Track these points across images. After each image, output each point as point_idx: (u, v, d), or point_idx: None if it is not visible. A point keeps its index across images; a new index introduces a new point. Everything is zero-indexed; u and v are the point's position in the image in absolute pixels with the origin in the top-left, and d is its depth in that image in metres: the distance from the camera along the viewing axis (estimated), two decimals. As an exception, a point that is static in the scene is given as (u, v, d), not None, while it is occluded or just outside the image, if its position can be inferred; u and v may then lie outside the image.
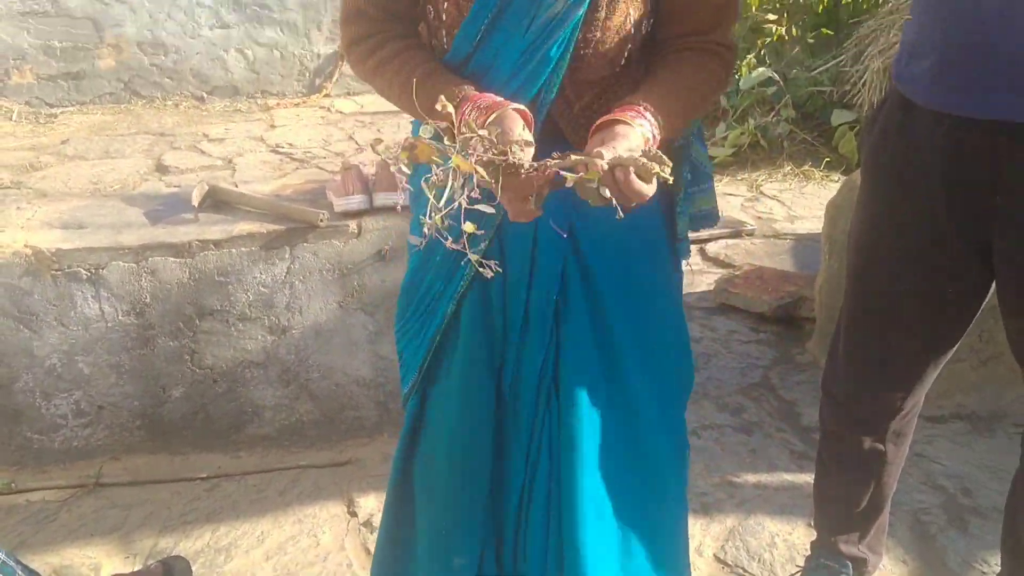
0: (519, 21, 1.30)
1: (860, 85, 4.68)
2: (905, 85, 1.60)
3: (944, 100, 1.51)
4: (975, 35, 1.43)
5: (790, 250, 4.06)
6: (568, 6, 1.28)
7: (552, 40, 1.28)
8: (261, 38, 5.27)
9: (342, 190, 2.77)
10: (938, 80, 1.51)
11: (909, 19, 1.64)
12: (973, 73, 1.45)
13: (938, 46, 1.51)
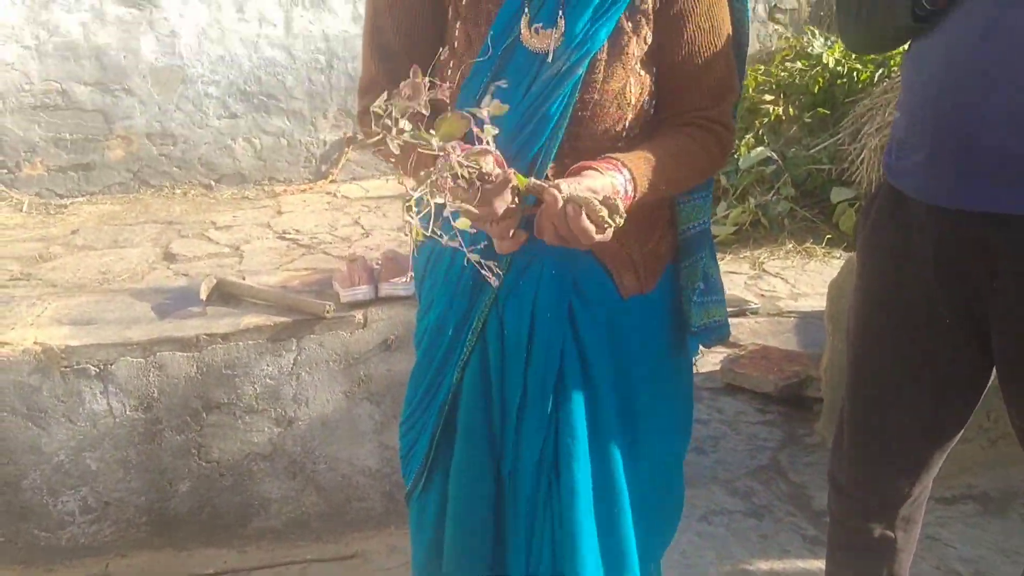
0: (520, 81, 1.34)
1: (858, 163, 4.75)
2: (897, 178, 1.63)
3: (936, 193, 1.54)
4: (964, 130, 1.46)
5: (795, 328, 4.07)
6: (568, 66, 1.31)
7: (552, 99, 1.32)
8: (268, 127, 5.37)
9: (348, 281, 2.80)
10: (929, 174, 1.54)
11: (897, 115, 1.69)
12: (963, 167, 1.48)
13: (928, 141, 1.54)
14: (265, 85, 5.30)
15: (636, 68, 1.37)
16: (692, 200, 1.57)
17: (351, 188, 5.53)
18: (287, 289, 2.94)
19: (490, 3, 1.37)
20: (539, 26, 1.34)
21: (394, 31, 1.43)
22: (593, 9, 1.33)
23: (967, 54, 1.45)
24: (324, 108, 5.46)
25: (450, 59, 1.41)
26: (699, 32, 1.40)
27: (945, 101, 1.49)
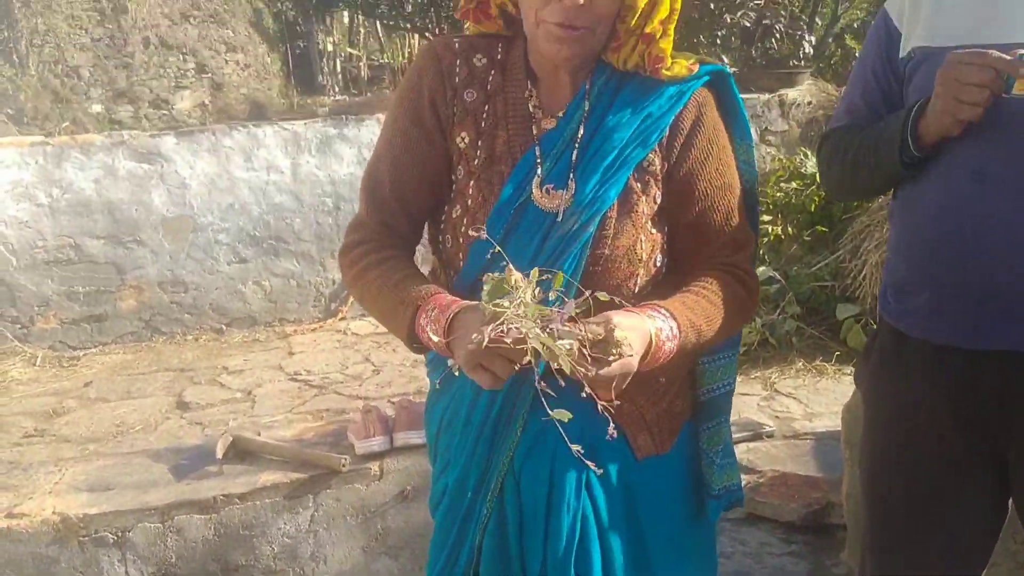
0: (530, 239, 1.36)
1: (860, 279, 4.80)
2: (898, 320, 1.64)
3: (947, 334, 1.55)
4: (962, 274, 1.49)
5: (812, 451, 4.04)
6: (580, 224, 1.35)
7: (565, 256, 1.34)
8: (277, 269, 5.47)
9: (362, 432, 2.81)
10: (936, 315, 1.55)
11: (891, 257, 1.71)
12: (968, 308, 1.50)
13: (931, 283, 1.56)
14: (274, 229, 5.42)
15: (646, 226, 1.41)
16: (717, 360, 1.56)
17: (361, 324, 5.58)
18: (302, 442, 2.95)
19: (504, 164, 1.41)
20: (550, 187, 1.38)
21: (389, 181, 1.46)
22: (603, 171, 1.36)
23: (959, 199, 1.49)
24: (332, 248, 5.55)
25: (463, 216, 1.43)
26: (710, 189, 1.43)
27: (945, 245, 1.52)
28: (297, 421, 3.99)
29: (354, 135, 5.48)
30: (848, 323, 4.86)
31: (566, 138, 1.39)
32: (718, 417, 1.58)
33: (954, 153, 1.49)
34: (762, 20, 7.20)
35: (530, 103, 1.43)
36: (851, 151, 1.64)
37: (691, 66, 1.42)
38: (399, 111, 1.48)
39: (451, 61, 1.45)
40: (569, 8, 1.29)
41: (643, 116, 1.39)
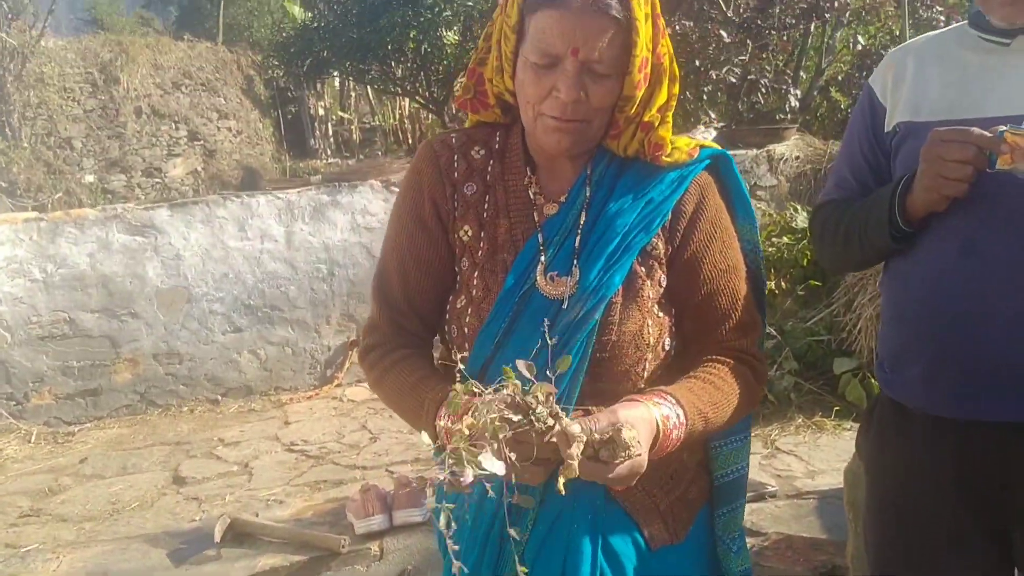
0: (535, 328, 1.34)
1: (856, 332, 4.80)
2: (896, 391, 1.65)
3: (942, 406, 1.55)
4: (955, 349, 1.50)
5: (815, 511, 4.00)
6: (585, 311, 1.33)
7: (571, 344, 1.32)
8: (272, 337, 5.46)
9: (362, 511, 2.78)
10: (931, 387, 1.56)
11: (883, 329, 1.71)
12: (963, 381, 1.50)
13: (924, 355, 1.56)
14: (268, 297, 5.42)
15: (653, 310, 1.39)
16: (729, 443, 1.53)
17: (357, 391, 5.56)
18: (301, 522, 2.92)
19: (506, 252, 1.40)
20: (554, 274, 1.36)
21: (398, 282, 1.47)
22: (607, 257, 1.35)
23: (949, 274, 1.50)
24: (327, 315, 5.56)
25: (467, 306, 1.41)
26: (715, 272, 1.41)
27: (936, 319, 1.53)
28: (295, 494, 3.96)
29: (347, 201, 5.52)
30: (846, 377, 4.84)
31: (568, 224, 1.39)
32: (734, 501, 1.54)
33: (943, 227, 1.51)
34: (747, 75, 7.31)
35: (530, 190, 1.43)
36: (842, 226, 1.65)
37: (691, 151, 1.43)
38: (402, 211, 1.48)
39: (449, 157, 1.46)
40: (566, 102, 1.29)
41: (645, 201, 1.39)
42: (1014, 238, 1.44)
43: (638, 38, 1.29)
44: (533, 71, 1.30)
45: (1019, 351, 1.45)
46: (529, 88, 1.32)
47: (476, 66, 1.45)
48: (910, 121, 1.57)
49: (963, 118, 1.47)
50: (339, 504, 3.11)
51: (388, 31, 7.58)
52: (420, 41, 7.87)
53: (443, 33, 7.87)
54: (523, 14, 1.31)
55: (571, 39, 1.26)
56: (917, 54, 1.64)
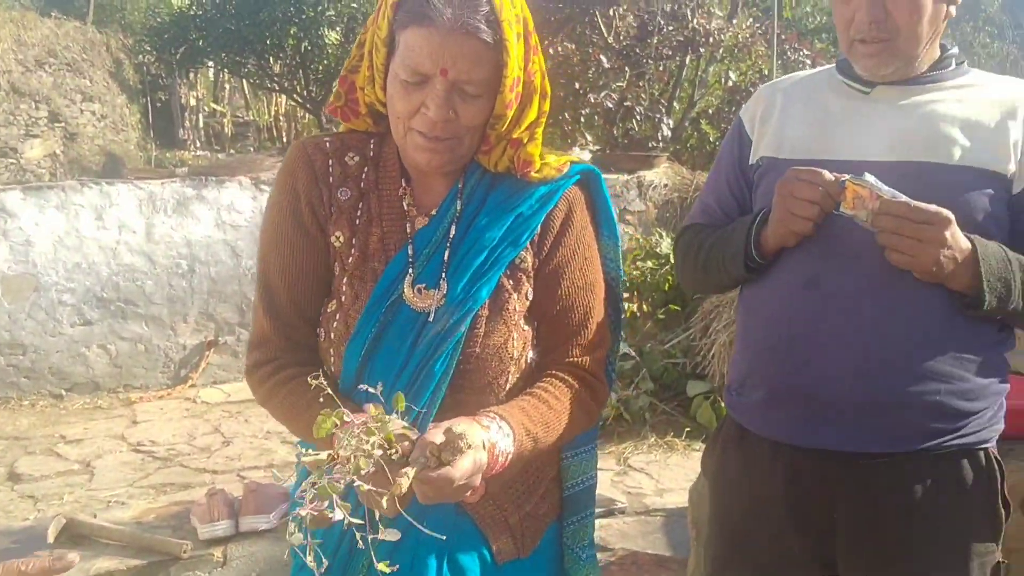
0: (403, 339, 1.34)
1: (710, 357, 4.98)
2: (740, 414, 1.73)
3: (777, 430, 1.64)
4: (794, 377, 1.58)
5: (662, 528, 4.12)
6: (451, 324, 1.33)
7: (437, 355, 1.33)
8: (125, 333, 5.25)
9: (206, 515, 2.71)
10: (769, 412, 1.64)
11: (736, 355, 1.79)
12: (799, 408, 1.59)
13: (767, 382, 1.65)
14: (123, 291, 5.22)
15: (519, 323, 1.41)
16: (578, 453, 1.55)
17: (211, 393, 5.40)
18: (142, 525, 2.82)
19: (377, 261, 1.39)
20: (422, 286, 1.37)
21: (284, 290, 1.43)
22: (474, 270, 1.36)
23: (794, 305, 1.59)
24: (184, 312, 5.39)
25: (336, 312, 1.40)
26: (572, 289, 1.43)
27: (780, 349, 1.61)
28: (138, 496, 3.81)
29: (214, 197, 5.37)
30: (698, 400, 5.02)
31: (439, 237, 1.39)
32: (583, 511, 1.57)
33: (790, 262, 1.59)
34: (624, 102, 7.51)
35: (404, 200, 1.42)
36: (703, 251, 1.72)
37: (561, 167, 1.45)
38: (278, 216, 1.44)
39: (323, 161, 1.43)
40: (436, 120, 1.29)
41: (515, 216, 1.40)
42: (853, 276, 1.52)
43: (509, 59, 1.29)
44: (403, 87, 1.30)
45: (849, 385, 1.53)
46: (398, 103, 1.31)
47: (348, 73, 1.43)
48: (772, 157, 1.65)
49: (821, 159, 1.54)
50: (183, 508, 3.02)
51: (268, 26, 7.43)
52: (300, 39, 7.74)
53: (325, 32, 7.77)
54: (393, 28, 1.30)
55: (440, 60, 1.26)
56: (786, 92, 1.72)
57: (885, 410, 1.53)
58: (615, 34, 7.49)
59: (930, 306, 1.51)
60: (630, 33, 7.57)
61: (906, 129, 1.56)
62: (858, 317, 1.53)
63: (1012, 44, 13.32)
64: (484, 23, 1.26)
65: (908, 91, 1.59)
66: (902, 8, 1.51)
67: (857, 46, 1.56)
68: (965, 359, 1.53)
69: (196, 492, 3.83)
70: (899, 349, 1.51)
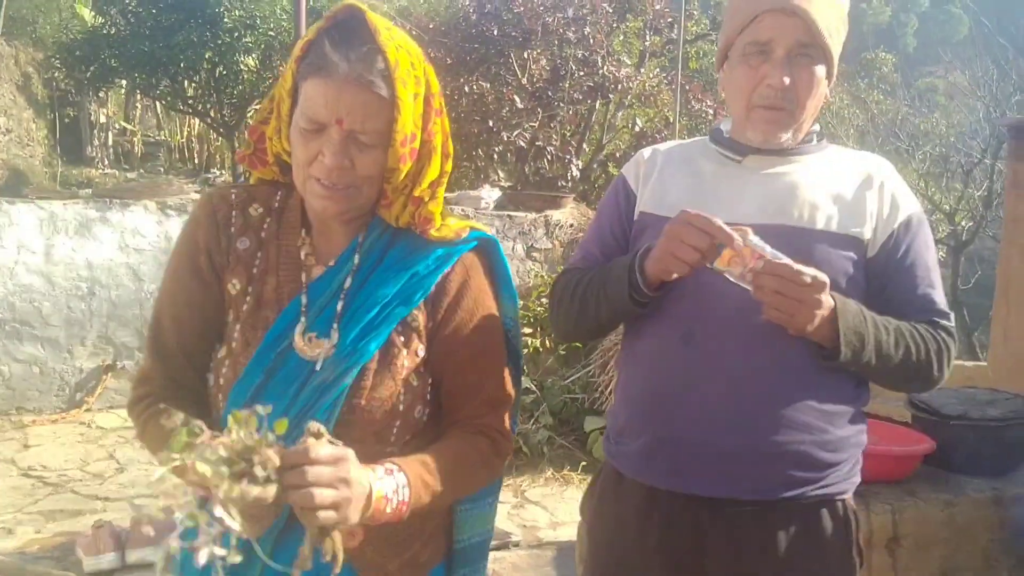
0: (288, 386, 1.35)
1: (607, 393, 5.12)
2: (618, 461, 1.79)
3: (652, 477, 1.71)
4: (669, 426, 1.67)
5: (553, 561, 4.21)
6: (337, 374, 1.35)
7: (320, 403, 1.35)
8: (19, 354, 5.14)
9: (92, 548, 2.70)
10: (647, 460, 1.71)
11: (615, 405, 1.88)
12: (674, 456, 1.67)
13: (645, 431, 1.72)
14: (19, 311, 5.11)
15: (407, 378, 1.42)
16: (476, 507, 1.57)
17: (108, 418, 5.31)
18: (24, 556, 2.79)
19: (269, 310, 1.41)
20: (312, 335, 1.38)
21: (173, 334, 1.45)
22: (365, 324, 1.38)
23: (669, 359, 1.67)
24: (83, 335, 5.30)
25: (226, 357, 1.41)
26: (471, 351, 1.45)
27: (656, 400, 1.70)
28: (26, 522, 3.73)
29: (117, 220, 5.31)
30: (595, 435, 5.16)
31: (334, 288, 1.42)
32: (477, 563, 1.59)
33: (667, 315, 1.67)
34: (535, 141, 7.68)
35: (302, 251, 1.45)
36: (582, 286, 1.77)
37: (460, 231, 1.48)
38: (177, 263, 1.48)
39: (226, 212, 1.47)
40: (332, 168, 1.32)
41: (410, 275, 1.43)
42: (726, 334, 1.62)
43: (399, 115, 1.34)
44: (302, 135, 1.34)
45: (719, 433, 1.62)
46: (298, 150, 1.35)
47: (258, 124, 1.48)
48: (651, 213, 1.74)
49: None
50: (69, 538, 2.99)
51: (183, 49, 7.35)
52: (216, 63, 7.68)
53: (240, 58, 7.73)
54: (296, 80, 1.35)
55: (335, 109, 1.31)
56: (665, 156, 1.82)
57: (752, 458, 1.62)
58: (529, 76, 7.67)
59: (795, 362, 1.60)
60: (543, 76, 7.76)
61: (774, 195, 1.67)
62: (729, 371, 1.61)
63: (904, 103, 13.98)
64: (379, 78, 1.31)
65: (775, 161, 1.70)
66: (804, 83, 1.62)
67: (758, 111, 1.66)
68: (827, 412, 1.63)
69: (86, 520, 3.77)
70: (765, 401, 1.61)
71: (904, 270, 1.66)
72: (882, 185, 1.69)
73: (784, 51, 1.61)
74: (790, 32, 1.60)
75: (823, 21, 1.60)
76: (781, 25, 1.60)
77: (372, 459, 1.32)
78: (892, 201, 1.68)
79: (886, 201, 1.67)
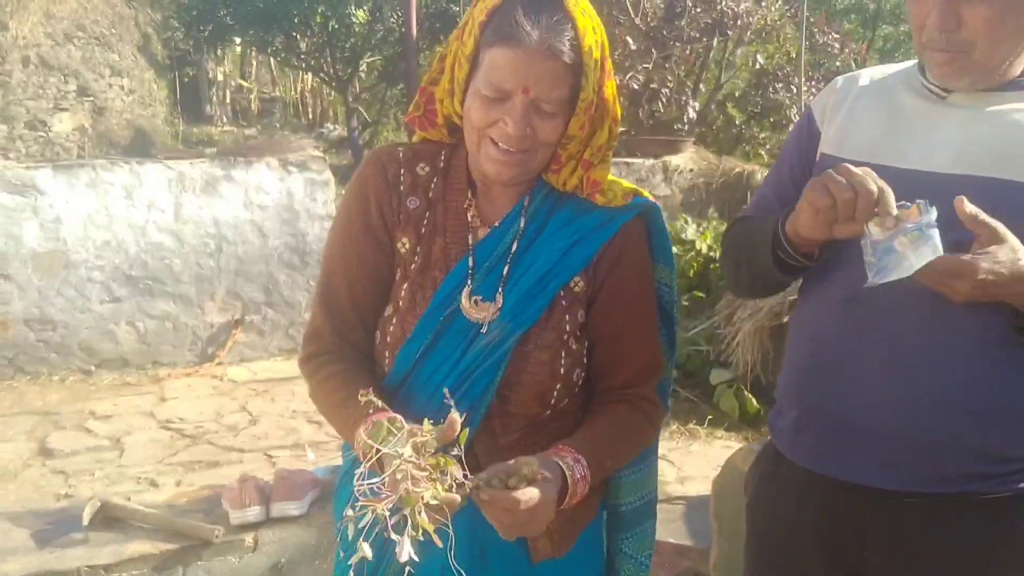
0: (457, 345, 1.40)
1: (734, 345, 4.98)
2: (775, 437, 1.67)
3: (806, 458, 1.57)
4: (833, 400, 1.49)
5: (683, 516, 4.14)
6: (502, 336, 1.38)
7: (485, 364, 1.38)
8: (153, 310, 5.31)
9: (238, 501, 2.75)
10: (799, 438, 1.58)
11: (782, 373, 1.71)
12: (833, 436, 1.50)
13: (797, 405, 1.58)
14: (151, 269, 5.27)
15: (568, 343, 1.44)
16: (635, 472, 1.58)
17: (238, 371, 5.46)
18: (174, 509, 2.87)
19: (437, 270, 1.44)
20: (479, 298, 1.41)
21: (345, 290, 1.48)
22: (529, 288, 1.41)
23: (830, 325, 1.50)
24: (212, 291, 5.43)
25: (393, 316, 1.45)
26: (627, 318, 1.47)
27: (811, 370, 1.55)
28: (167, 473, 3.87)
29: (242, 178, 5.40)
30: (721, 388, 5.03)
31: (499, 252, 1.44)
32: (642, 524, 1.62)
33: (831, 277, 1.49)
34: (650, 83, 7.46)
35: (469, 212, 1.46)
36: (736, 243, 1.64)
37: (626, 195, 1.48)
38: (348, 218, 1.50)
39: (396, 170, 1.49)
40: (515, 136, 1.33)
41: (573, 241, 1.44)
42: (898, 298, 1.38)
43: (586, 82, 1.34)
44: (483, 102, 1.34)
45: (884, 416, 1.43)
46: (476, 115, 1.36)
47: (428, 85, 1.48)
48: (832, 155, 1.52)
49: (880, 163, 1.39)
50: (215, 492, 3.07)
51: (295, 3, 7.43)
52: (328, 17, 7.72)
53: (352, 12, 7.75)
54: (479, 46, 1.35)
55: (523, 78, 1.30)
56: (860, 86, 1.58)
57: (923, 448, 1.42)
58: (642, 15, 7.43)
59: (986, 336, 1.37)
60: (657, 14, 7.50)
61: (979, 140, 1.40)
62: (901, 341, 1.41)
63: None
64: (568, 47, 1.31)
65: (991, 98, 1.42)
66: (978, 18, 1.32)
67: (929, 53, 1.41)
68: (1019, 401, 1.39)
69: (224, 471, 3.89)
70: (938, 379, 1.39)
71: None
72: None
73: None
74: None
75: None
76: None
77: (531, 420, 1.41)
78: None
79: None
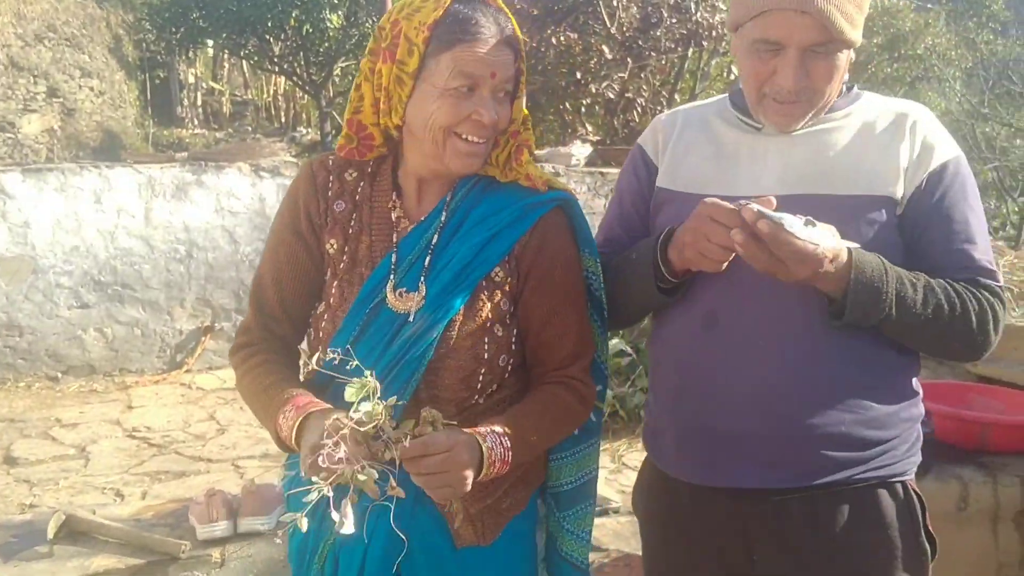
0: (384, 335, 1.47)
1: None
2: (656, 456, 1.70)
3: (690, 473, 1.62)
4: (699, 417, 1.56)
5: (654, 528, 4.15)
6: (427, 326, 1.44)
7: (409, 355, 1.44)
8: (121, 316, 5.24)
9: (205, 516, 2.72)
10: (680, 455, 1.62)
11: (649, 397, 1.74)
12: (707, 448, 1.57)
13: (674, 426, 1.63)
14: (120, 275, 5.20)
15: (492, 329, 1.50)
16: (571, 455, 1.63)
17: (207, 379, 5.41)
18: (140, 523, 2.83)
19: (364, 267, 1.52)
20: (403, 290, 1.49)
21: (273, 289, 1.57)
22: (451, 278, 1.48)
23: (693, 346, 1.56)
24: (181, 297, 5.38)
25: (324, 312, 1.53)
26: (553, 303, 1.53)
27: (683, 392, 1.59)
28: (133, 483, 3.82)
29: (213, 182, 5.34)
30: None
31: (422, 245, 1.51)
32: (582, 503, 1.66)
33: (689, 299, 1.55)
34: (625, 93, 7.49)
35: (393, 212, 1.54)
36: (609, 272, 1.66)
37: (544, 182, 1.55)
38: (280, 224, 1.60)
39: (324, 177, 1.58)
40: (488, 124, 1.43)
41: (492, 234, 1.50)
42: (750, 314, 1.50)
43: (523, 64, 1.49)
44: (452, 99, 1.42)
45: (751, 420, 1.51)
46: (445, 115, 1.43)
47: (353, 115, 1.55)
48: (667, 188, 1.62)
49: (713, 193, 1.47)
50: (181, 505, 3.03)
51: (269, 7, 7.38)
52: (302, 21, 7.69)
53: (327, 15, 7.72)
54: (425, 59, 1.42)
55: (490, 64, 1.42)
56: (684, 119, 1.67)
57: (790, 443, 1.52)
58: (618, 25, 7.45)
59: (827, 337, 1.48)
60: (633, 24, 7.53)
61: (797, 163, 1.53)
62: (755, 351, 1.51)
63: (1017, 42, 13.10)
64: (512, 34, 1.45)
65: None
66: (821, 74, 1.46)
67: (770, 103, 1.50)
68: (868, 386, 1.51)
69: (191, 481, 3.84)
70: (797, 380, 1.50)
71: (937, 223, 1.50)
72: (914, 130, 1.52)
73: (797, 51, 1.43)
74: (802, 32, 1.42)
75: (839, 14, 1.41)
76: (791, 25, 1.42)
77: (460, 405, 1.49)
78: (924, 146, 1.51)
79: (917, 147, 1.51)
